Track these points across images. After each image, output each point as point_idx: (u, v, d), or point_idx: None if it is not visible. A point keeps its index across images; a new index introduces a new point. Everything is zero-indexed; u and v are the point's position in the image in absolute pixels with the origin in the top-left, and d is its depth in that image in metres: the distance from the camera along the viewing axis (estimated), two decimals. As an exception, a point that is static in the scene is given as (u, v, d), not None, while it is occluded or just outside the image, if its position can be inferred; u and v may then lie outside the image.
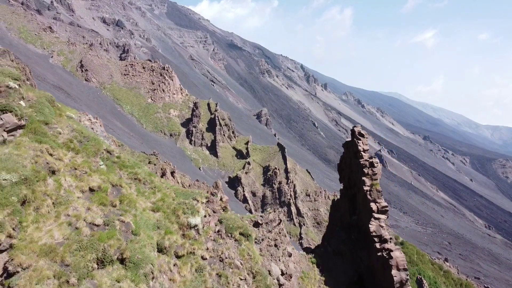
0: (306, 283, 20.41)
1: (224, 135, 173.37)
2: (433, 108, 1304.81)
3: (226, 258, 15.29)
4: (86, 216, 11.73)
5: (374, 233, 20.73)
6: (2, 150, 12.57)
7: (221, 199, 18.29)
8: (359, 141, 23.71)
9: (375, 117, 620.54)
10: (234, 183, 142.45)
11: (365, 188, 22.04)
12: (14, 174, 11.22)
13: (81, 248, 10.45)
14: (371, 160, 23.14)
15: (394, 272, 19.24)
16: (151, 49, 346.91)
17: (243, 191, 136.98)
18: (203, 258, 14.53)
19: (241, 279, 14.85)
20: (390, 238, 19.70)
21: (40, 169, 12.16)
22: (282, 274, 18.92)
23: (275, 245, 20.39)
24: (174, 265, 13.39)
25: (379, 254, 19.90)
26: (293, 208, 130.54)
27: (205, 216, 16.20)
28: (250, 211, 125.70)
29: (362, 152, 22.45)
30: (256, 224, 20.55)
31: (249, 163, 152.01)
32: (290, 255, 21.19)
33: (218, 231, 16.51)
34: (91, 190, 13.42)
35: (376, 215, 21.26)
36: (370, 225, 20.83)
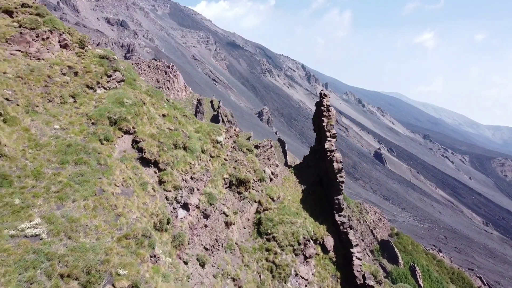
0: (287, 181, 31.06)
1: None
2: (435, 108, 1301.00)
3: (238, 160, 25.30)
4: (165, 125, 21.10)
5: (327, 149, 31.49)
6: (118, 91, 22.15)
7: (234, 130, 28.18)
8: (323, 99, 34.50)
9: (376, 116, 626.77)
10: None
11: (323, 124, 32.53)
12: (130, 100, 20.71)
13: (165, 137, 19.95)
14: (328, 107, 33.04)
15: (335, 163, 30.16)
16: (154, 49, 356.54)
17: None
18: (225, 159, 24.26)
19: (247, 171, 24.52)
20: (336, 149, 30.15)
21: (138, 101, 21.67)
22: (272, 174, 29.05)
23: (268, 158, 30.74)
24: (209, 160, 22.99)
25: (328, 158, 30.00)
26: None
27: (225, 138, 26.12)
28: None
29: (325, 105, 32.80)
30: (256, 146, 30.88)
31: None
32: (277, 165, 31.74)
33: (233, 146, 26.56)
34: (163, 115, 23.06)
35: (329, 139, 32.70)
36: (325, 144, 31.49)
